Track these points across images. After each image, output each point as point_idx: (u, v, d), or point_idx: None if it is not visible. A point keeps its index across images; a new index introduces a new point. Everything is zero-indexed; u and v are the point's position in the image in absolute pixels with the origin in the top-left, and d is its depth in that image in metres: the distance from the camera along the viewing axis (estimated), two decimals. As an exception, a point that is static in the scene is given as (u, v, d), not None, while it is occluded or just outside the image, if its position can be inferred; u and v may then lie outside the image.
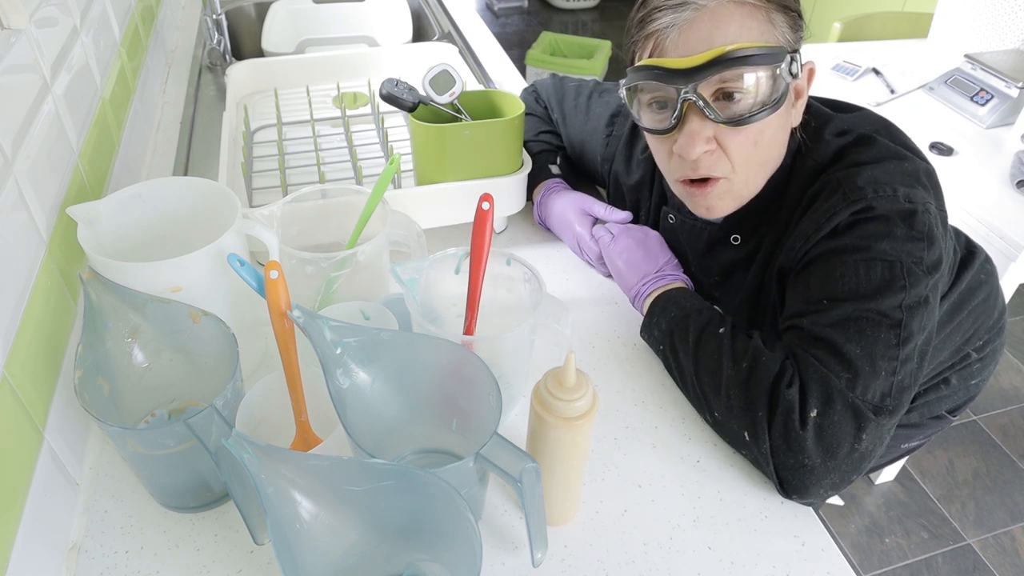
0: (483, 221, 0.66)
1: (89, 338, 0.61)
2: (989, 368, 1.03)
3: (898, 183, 0.68)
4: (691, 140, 0.68)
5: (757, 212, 0.77)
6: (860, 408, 0.63)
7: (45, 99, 0.71)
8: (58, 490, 0.61)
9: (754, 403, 0.66)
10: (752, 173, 0.72)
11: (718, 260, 0.84)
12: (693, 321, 0.74)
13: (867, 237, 0.67)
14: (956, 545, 1.61)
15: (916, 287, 0.65)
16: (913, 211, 0.67)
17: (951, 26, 1.92)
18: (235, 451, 0.47)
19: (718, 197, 0.73)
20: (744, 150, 0.69)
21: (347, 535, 0.53)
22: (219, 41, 1.42)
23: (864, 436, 0.63)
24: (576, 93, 1.01)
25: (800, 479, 0.63)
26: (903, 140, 0.75)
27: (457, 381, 0.61)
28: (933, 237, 0.67)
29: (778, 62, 0.65)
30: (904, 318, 0.65)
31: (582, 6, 4.36)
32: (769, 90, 0.66)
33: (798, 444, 0.63)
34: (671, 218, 0.87)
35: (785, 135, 0.73)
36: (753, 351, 0.68)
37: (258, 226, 0.69)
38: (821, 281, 0.68)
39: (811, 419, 0.63)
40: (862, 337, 0.64)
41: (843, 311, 0.65)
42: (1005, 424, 1.89)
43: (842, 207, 0.68)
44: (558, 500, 0.61)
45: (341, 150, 1.08)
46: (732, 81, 0.65)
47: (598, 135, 0.96)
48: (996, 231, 1.37)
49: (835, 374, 0.64)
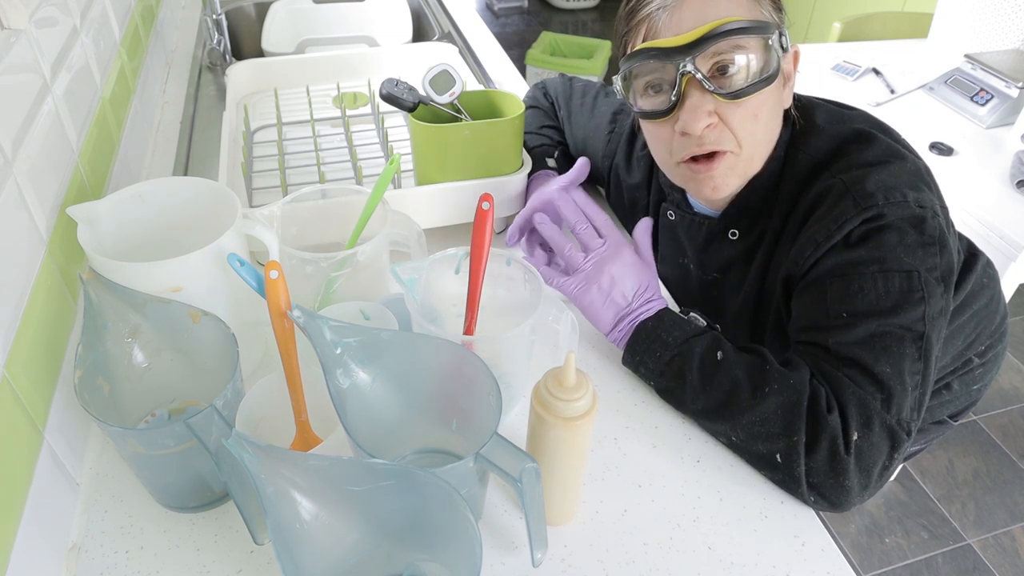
0: (483, 221, 0.66)
1: (89, 338, 0.61)
2: (991, 373, 1.03)
3: (906, 187, 0.68)
4: (694, 114, 0.68)
5: (754, 205, 0.77)
6: (895, 429, 0.63)
7: (45, 99, 0.71)
8: (58, 490, 0.61)
9: (790, 428, 0.64)
10: (757, 149, 0.72)
11: (717, 256, 0.84)
12: (686, 358, 0.70)
13: (881, 247, 0.66)
14: (956, 545, 1.61)
15: (933, 297, 0.66)
16: (923, 217, 0.67)
17: (951, 26, 1.92)
18: (235, 451, 0.47)
19: (725, 173, 0.72)
20: (747, 125, 0.69)
21: (347, 535, 0.53)
22: (219, 41, 1.42)
23: (896, 455, 0.63)
24: (583, 92, 1.02)
25: (839, 498, 0.63)
26: (897, 136, 0.75)
27: (457, 381, 0.61)
28: (944, 241, 0.67)
29: (770, 34, 0.66)
30: (926, 331, 0.65)
31: (582, 6, 4.36)
32: (762, 62, 0.67)
33: (843, 467, 0.62)
34: (670, 214, 0.86)
35: (779, 114, 0.73)
36: (777, 375, 0.66)
37: (258, 226, 0.69)
38: (839, 295, 0.67)
39: (853, 443, 0.62)
40: (889, 355, 0.64)
41: (867, 328, 0.65)
42: (1005, 424, 1.89)
43: (853, 214, 0.67)
44: (558, 500, 0.61)
45: (341, 150, 1.08)
46: (728, 52, 0.66)
47: (601, 132, 0.96)
48: (996, 231, 1.37)
49: (871, 395, 0.64)
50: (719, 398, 0.68)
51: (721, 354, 0.69)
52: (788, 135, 0.76)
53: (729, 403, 0.67)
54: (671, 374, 0.71)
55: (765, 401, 0.65)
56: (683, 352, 0.70)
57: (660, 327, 0.73)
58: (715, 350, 0.70)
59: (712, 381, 0.68)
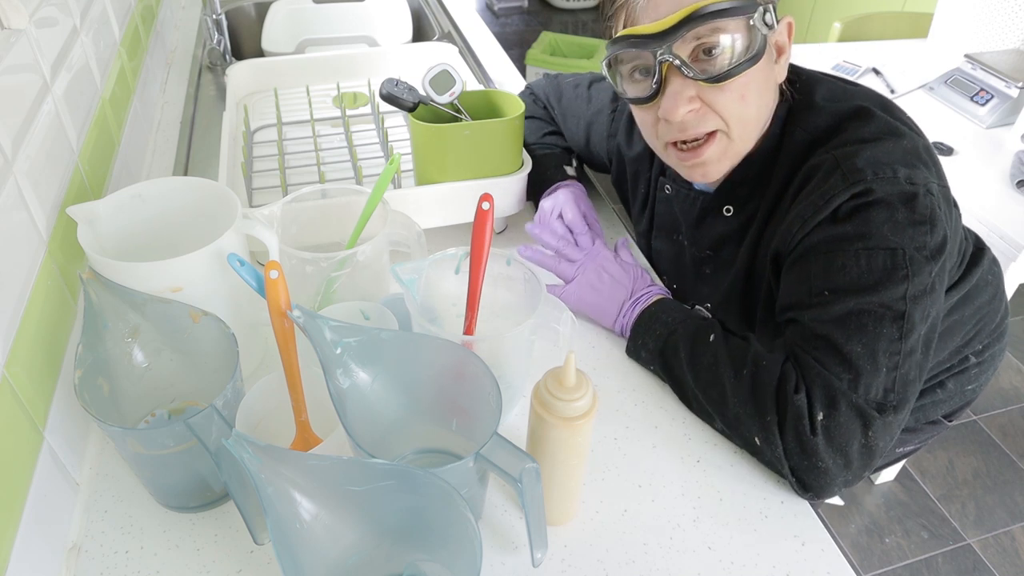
0: (483, 221, 0.66)
1: (89, 338, 0.61)
2: (987, 374, 1.02)
3: (898, 163, 0.66)
4: (674, 101, 0.68)
5: (749, 182, 0.77)
6: (864, 408, 0.63)
7: (45, 99, 0.71)
8: (58, 490, 0.61)
9: (762, 409, 0.65)
10: (747, 129, 0.72)
11: (710, 232, 0.83)
12: (681, 335, 0.73)
13: (868, 223, 0.65)
14: (956, 545, 1.61)
15: (919, 275, 0.65)
16: (914, 194, 0.65)
17: (951, 26, 1.92)
18: (235, 451, 0.47)
19: (715, 158, 0.72)
20: (733, 106, 0.68)
21: (347, 535, 0.53)
22: (219, 41, 1.42)
23: (871, 434, 0.63)
24: (574, 86, 1.01)
25: (816, 480, 0.64)
26: (900, 115, 0.73)
27: (457, 381, 0.61)
28: (936, 219, 0.66)
29: (750, 13, 0.65)
30: (907, 309, 0.64)
31: (582, 6, 4.36)
32: (745, 43, 0.66)
33: (811, 448, 0.63)
34: (667, 188, 0.86)
35: (771, 90, 0.72)
36: (753, 357, 0.68)
37: (258, 226, 0.69)
38: (822, 271, 0.67)
39: (819, 423, 0.63)
40: (863, 334, 0.64)
41: (845, 305, 0.65)
42: (1005, 424, 1.89)
43: (841, 189, 0.66)
44: (558, 500, 0.61)
45: (341, 150, 1.08)
46: (707, 37, 0.65)
47: (603, 115, 0.96)
48: (996, 231, 1.37)
49: (836, 376, 0.64)
50: (707, 378, 0.69)
51: (713, 336, 0.71)
52: (785, 111, 0.74)
53: (715, 382, 0.69)
54: (669, 351, 0.73)
55: (742, 382, 0.67)
56: (679, 330, 0.73)
57: (660, 309, 0.77)
58: (708, 332, 0.72)
59: (702, 360, 0.70)
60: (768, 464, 0.68)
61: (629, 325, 0.78)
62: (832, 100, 0.73)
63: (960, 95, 1.73)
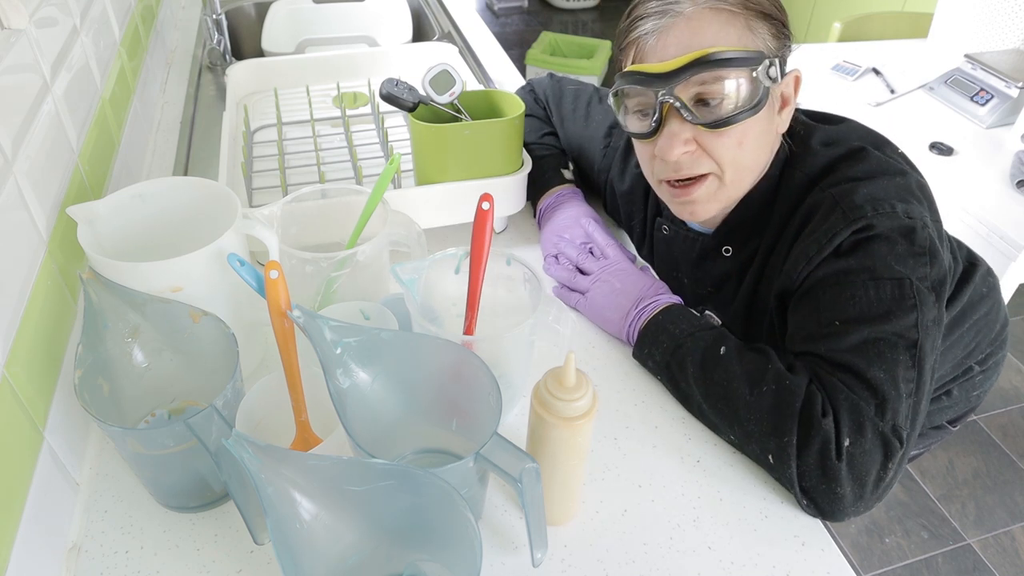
0: (483, 221, 0.66)
1: (89, 338, 0.61)
2: (991, 379, 1.03)
3: (895, 199, 0.68)
4: (670, 142, 0.69)
5: (747, 223, 0.78)
6: (888, 436, 0.63)
7: (45, 99, 0.71)
8: (58, 490, 0.61)
9: (781, 429, 0.64)
10: (741, 175, 0.73)
11: (710, 271, 0.84)
12: (688, 349, 0.72)
13: (871, 256, 0.66)
14: (956, 545, 1.61)
15: (926, 305, 0.66)
16: (913, 227, 0.67)
17: (951, 26, 1.92)
18: (235, 451, 0.47)
19: (704, 199, 0.73)
20: (729, 152, 0.70)
21: (347, 535, 0.53)
22: (219, 41, 1.42)
23: (890, 465, 0.63)
24: (575, 96, 1.01)
25: (831, 505, 0.63)
26: (892, 152, 0.75)
27: (457, 381, 0.61)
28: (935, 252, 0.68)
29: (754, 65, 0.66)
30: (919, 338, 0.65)
31: (582, 6, 4.36)
32: (747, 93, 0.67)
33: (833, 473, 0.62)
34: (665, 229, 0.87)
35: (770, 140, 0.73)
36: (775, 375, 0.66)
37: (258, 226, 0.69)
38: (831, 303, 0.68)
39: (845, 448, 0.62)
40: (882, 361, 0.64)
41: (860, 335, 0.65)
42: (1005, 424, 1.89)
43: (842, 227, 0.68)
44: (558, 500, 0.61)
45: (341, 150, 1.08)
46: (709, 83, 0.66)
47: (596, 144, 0.96)
48: (996, 231, 1.37)
49: (864, 400, 0.63)
50: (718, 392, 0.69)
51: (724, 349, 0.70)
52: (785, 154, 0.76)
53: (727, 398, 0.68)
54: (675, 365, 0.72)
55: (760, 399, 0.66)
56: (687, 344, 0.72)
57: (667, 319, 0.76)
58: (719, 345, 0.71)
59: (712, 375, 0.69)
60: (778, 479, 0.67)
61: (634, 336, 0.78)
62: (827, 143, 0.75)
63: (960, 95, 1.73)
